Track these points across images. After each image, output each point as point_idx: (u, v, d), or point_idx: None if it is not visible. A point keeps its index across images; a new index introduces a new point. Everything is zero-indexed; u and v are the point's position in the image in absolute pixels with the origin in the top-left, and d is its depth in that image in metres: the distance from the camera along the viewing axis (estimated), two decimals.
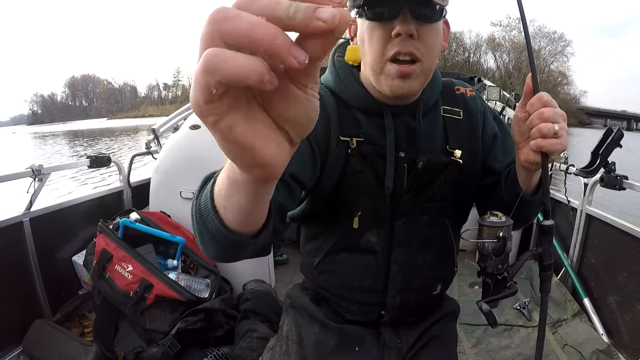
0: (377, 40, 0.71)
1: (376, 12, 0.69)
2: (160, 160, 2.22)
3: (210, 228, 0.46)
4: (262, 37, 0.23)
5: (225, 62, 0.23)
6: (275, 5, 0.24)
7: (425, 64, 0.71)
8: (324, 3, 0.24)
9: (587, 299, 2.04)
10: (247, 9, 0.24)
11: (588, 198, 2.13)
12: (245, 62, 0.23)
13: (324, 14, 0.24)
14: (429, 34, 0.70)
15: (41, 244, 1.83)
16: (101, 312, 1.76)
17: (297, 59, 0.24)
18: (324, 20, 0.24)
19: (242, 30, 0.23)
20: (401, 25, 0.67)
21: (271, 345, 0.96)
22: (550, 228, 0.69)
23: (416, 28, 0.68)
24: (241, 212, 0.43)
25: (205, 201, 0.46)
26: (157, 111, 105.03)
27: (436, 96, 0.84)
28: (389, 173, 0.79)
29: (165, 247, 1.97)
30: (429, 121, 0.83)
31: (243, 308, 1.82)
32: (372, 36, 0.72)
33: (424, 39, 0.70)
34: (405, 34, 0.68)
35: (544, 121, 0.63)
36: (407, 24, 0.67)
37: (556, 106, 0.65)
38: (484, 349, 1.84)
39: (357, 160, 0.79)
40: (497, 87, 2.86)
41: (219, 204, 0.44)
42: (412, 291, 0.88)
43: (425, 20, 0.69)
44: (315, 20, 0.24)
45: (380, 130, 0.80)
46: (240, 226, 0.45)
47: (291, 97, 0.28)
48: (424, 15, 0.68)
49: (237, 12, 0.24)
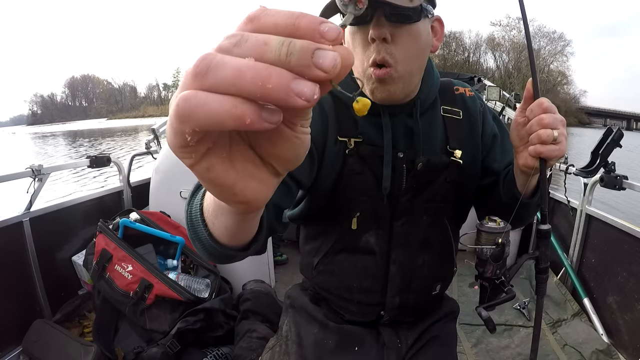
0: (358, 45, 0.71)
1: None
2: (160, 160, 2.23)
3: (201, 238, 0.47)
4: (250, 84, 0.20)
5: (198, 107, 0.20)
6: (264, 46, 0.21)
7: (400, 68, 0.70)
8: (319, 41, 0.21)
9: (587, 299, 2.04)
10: (232, 53, 0.21)
11: (588, 198, 2.13)
12: (221, 106, 0.20)
13: (324, 61, 0.21)
14: (405, 36, 0.68)
15: (41, 244, 1.83)
16: (101, 312, 1.76)
17: (303, 97, 0.21)
18: (325, 70, 0.21)
19: (228, 80, 0.20)
20: (374, 29, 0.66)
21: (271, 345, 0.96)
22: (547, 232, 0.69)
23: (391, 31, 0.67)
24: (228, 232, 0.43)
25: (196, 212, 0.46)
26: (157, 111, 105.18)
27: (434, 95, 0.84)
28: (387, 174, 0.79)
29: (165, 247, 1.97)
30: (428, 121, 0.82)
31: (243, 308, 1.82)
32: (353, 40, 0.72)
33: (400, 42, 0.68)
34: (378, 39, 0.67)
35: (544, 127, 0.63)
36: (380, 28, 0.66)
37: (556, 112, 0.64)
38: (484, 349, 1.84)
39: (355, 160, 0.79)
40: (497, 87, 2.86)
41: (207, 219, 0.44)
42: (412, 291, 0.88)
43: (401, 21, 0.67)
44: (314, 69, 0.21)
45: (378, 130, 0.79)
46: (229, 241, 0.46)
47: (278, 136, 0.25)
48: (400, 17, 0.66)
49: (221, 59, 0.21)
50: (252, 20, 0.23)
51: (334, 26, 0.22)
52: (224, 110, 0.20)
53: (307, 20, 0.22)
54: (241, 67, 0.20)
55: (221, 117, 0.20)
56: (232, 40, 0.22)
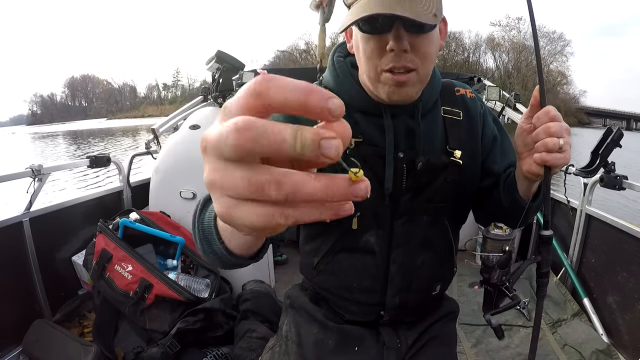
0: (372, 52, 0.71)
1: (370, 24, 0.69)
2: (160, 160, 2.23)
3: (215, 250, 0.50)
4: (322, 200, 0.24)
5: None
6: (283, 143, 0.22)
7: (421, 71, 0.72)
8: (329, 119, 0.23)
9: (586, 299, 2.04)
10: (254, 151, 0.22)
11: (588, 198, 2.13)
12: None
13: (329, 151, 0.22)
14: (424, 44, 0.70)
15: (41, 244, 1.83)
16: (101, 312, 1.76)
17: (360, 194, 0.25)
18: (330, 158, 0.23)
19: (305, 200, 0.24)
20: (394, 42, 0.67)
21: (270, 345, 0.96)
22: (549, 238, 0.69)
23: (410, 41, 0.68)
24: (245, 246, 0.49)
25: (209, 226, 0.50)
26: (156, 111, 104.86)
27: (435, 96, 0.84)
28: (389, 174, 0.79)
29: (165, 247, 1.97)
30: (429, 121, 0.83)
31: (242, 308, 1.83)
32: (366, 47, 0.71)
33: (419, 50, 0.69)
34: (398, 50, 0.67)
35: (550, 136, 0.63)
36: (401, 40, 0.67)
37: (562, 120, 0.65)
38: (484, 349, 1.84)
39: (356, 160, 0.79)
40: (497, 87, 2.85)
41: (223, 235, 0.48)
42: (411, 291, 0.88)
43: (419, 32, 0.68)
44: (321, 158, 0.23)
45: (379, 131, 0.79)
46: (243, 252, 0.50)
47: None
48: (418, 27, 0.67)
49: (282, 177, 0.23)
50: (260, 95, 0.23)
51: (339, 102, 0.23)
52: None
53: (316, 98, 0.23)
54: (313, 196, 0.23)
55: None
56: (249, 135, 0.22)
